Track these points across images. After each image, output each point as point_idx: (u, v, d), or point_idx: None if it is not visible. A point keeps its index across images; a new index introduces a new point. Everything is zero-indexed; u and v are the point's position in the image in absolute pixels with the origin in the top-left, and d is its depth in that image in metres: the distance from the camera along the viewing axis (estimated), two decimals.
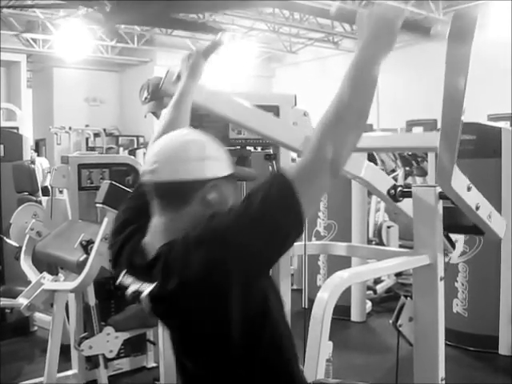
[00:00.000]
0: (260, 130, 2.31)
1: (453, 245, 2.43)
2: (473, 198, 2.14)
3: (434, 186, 2.24)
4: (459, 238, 2.52)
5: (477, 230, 2.34)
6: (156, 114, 3.66)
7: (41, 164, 9.42)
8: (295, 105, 2.58)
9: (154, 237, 1.51)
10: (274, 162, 2.58)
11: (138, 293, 1.44)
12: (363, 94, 1.45)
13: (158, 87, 3.65)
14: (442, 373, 2.24)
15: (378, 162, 6.92)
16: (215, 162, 1.50)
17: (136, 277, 1.49)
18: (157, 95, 3.61)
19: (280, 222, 1.36)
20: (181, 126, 1.78)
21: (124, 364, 4.06)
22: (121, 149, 13.96)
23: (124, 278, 1.52)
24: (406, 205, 2.43)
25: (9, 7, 10.65)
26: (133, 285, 1.47)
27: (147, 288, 1.42)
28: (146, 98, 3.65)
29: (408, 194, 2.35)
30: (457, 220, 2.28)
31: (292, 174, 1.36)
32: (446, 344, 2.28)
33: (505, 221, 2.40)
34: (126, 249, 1.57)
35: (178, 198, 1.48)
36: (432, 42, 12.16)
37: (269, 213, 1.35)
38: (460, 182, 2.07)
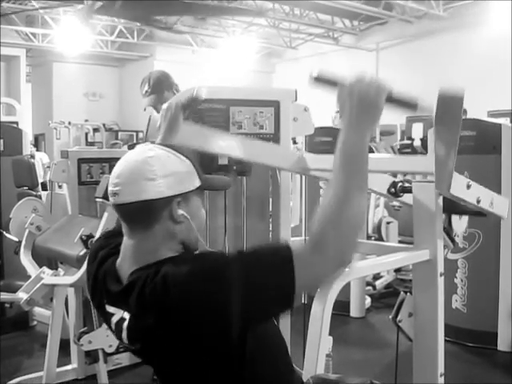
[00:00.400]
0: (250, 158, 2.31)
1: (453, 240, 2.43)
2: (473, 194, 2.14)
3: (434, 182, 2.23)
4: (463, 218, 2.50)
5: (479, 212, 2.35)
6: (156, 108, 3.67)
7: (41, 159, 9.42)
8: (296, 100, 2.58)
9: (125, 260, 1.49)
10: None
11: (122, 320, 1.44)
12: (358, 177, 1.41)
13: (159, 81, 3.66)
14: (441, 368, 2.24)
15: None
16: (180, 177, 1.46)
17: (114, 304, 1.47)
18: (157, 89, 3.62)
19: (267, 292, 1.34)
20: None
21: (123, 359, 4.06)
22: (120, 144, 13.96)
23: (107, 308, 1.50)
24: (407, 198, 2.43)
25: (8, 1, 10.66)
26: (116, 314, 1.46)
27: (127, 318, 1.41)
28: (146, 92, 3.67)
29: (408, 190, 2.35)
30: (457, 205, 2.28)
31: (296, 253, 1.35)
32: (444, 340, 2.28)
33: (507, 200, 2.40)
34: (100, 273, 1.55)
35: (145, 218, 1.44)
36: (432, 39, 12.14)
37: (261, 278, 1.34)
38: (459, 185, 2.06)
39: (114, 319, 1.46)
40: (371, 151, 6.39)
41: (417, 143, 6.89)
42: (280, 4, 12.04)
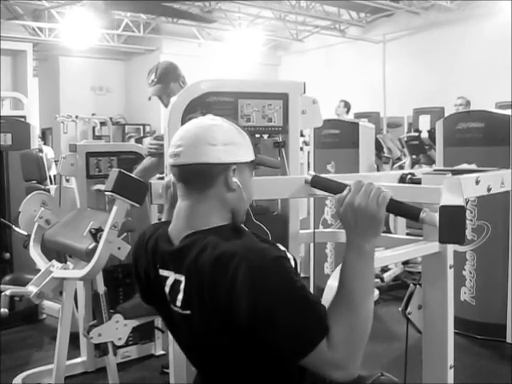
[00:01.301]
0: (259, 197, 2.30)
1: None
2: (483, 187, 2.14)
3: (444, 173, 2.23)
4: None
5: None
6: (161, 98, 3.66)
7: (45, 154, 9.42)
8: (304, 92, 2.57)
9: (179, 221, 1.55)
10: (282, 150, 2.58)
11: (177, 283, 1.49)
12: (366, 290, 1.44)
13: (166, 71, 3.64)
14: (450, 360, 2.24)
15: (385, 150, 6.90)
16: (238, 147, 1.54)
17: (167, 266, 1.54)
18: (164, 79, 3.61)
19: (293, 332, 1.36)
20: None
21: (132, 352, 4.08)
22: (127, 137, 14.00)
23: (160, 272, 1.56)
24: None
25: None
26: (170, 276, 1.52)
27: (182, 281, 1.47)
28: (152, 81, 3.66)
29: (417, 182, 2.34)
30: None
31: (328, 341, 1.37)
32: (453, 332, 2.28)
33: None
34: (151, 242, 1.62)
35: (202, 180, 1.51)
36: (439, 31, 12.07)
37: (291, 316, 1.36)
38: (469, 186, 2.04)
39: (169, 282, 1.52)
40: (379, 145, 6.38)
41: (424, 135, 6.87)
42: None
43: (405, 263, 6.02)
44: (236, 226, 1.57)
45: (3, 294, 3.31)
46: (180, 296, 1.48)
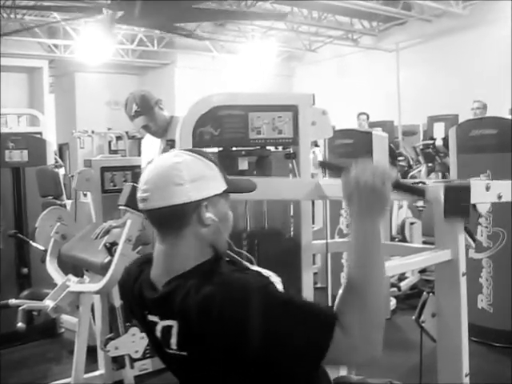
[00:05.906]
0: (266, 196, 2.32)
1: (474, 240, 2.42)
2: (493, 193, 2.14)
3: (450, 182, 2.23)
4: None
5: None
6: (148, 127, 3.62)
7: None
8: (314, 104, 2.59)
9: (158, 266, 1.53)
10: (293, 161, 2.59)
11: (169, 327, 1.47)
12: (374, 267, 1.42)
13: (145, 98, 3.59)
14: (466, 369, 2.23)
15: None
16: (207, 181, 1.49)
17: (150, 310, 1.51)
18: (147, 107, 3.57)
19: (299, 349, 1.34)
20: None
21: (149, 364, 4.09)
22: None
23: (149, 317, 1.54)
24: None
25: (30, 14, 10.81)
26: (159, 323, 1.50)
27: (174, 325, 1.45)
28: (136, 112, 3.61)
29: None
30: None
31: (339, 331, 1.34)
32: (471, 340, 2.27)
33: None
34: (136, 287, 1.59)
35: (175, 222, 1.48)
36: (452, 37, 12.02)
37: (299, 336, 1.33)
38: (478, 192, 2.04)
39: (159, 327, 1.50)
40: (392, 152, 6.37)
41: (438, 143, 6.86)
42: (298, 7, 12.05)
43: (422, 271, 5.99)
44: (217, 258, 1.54)
45: (20, 308, 3.34)
46: (174, 340, 1.46)
